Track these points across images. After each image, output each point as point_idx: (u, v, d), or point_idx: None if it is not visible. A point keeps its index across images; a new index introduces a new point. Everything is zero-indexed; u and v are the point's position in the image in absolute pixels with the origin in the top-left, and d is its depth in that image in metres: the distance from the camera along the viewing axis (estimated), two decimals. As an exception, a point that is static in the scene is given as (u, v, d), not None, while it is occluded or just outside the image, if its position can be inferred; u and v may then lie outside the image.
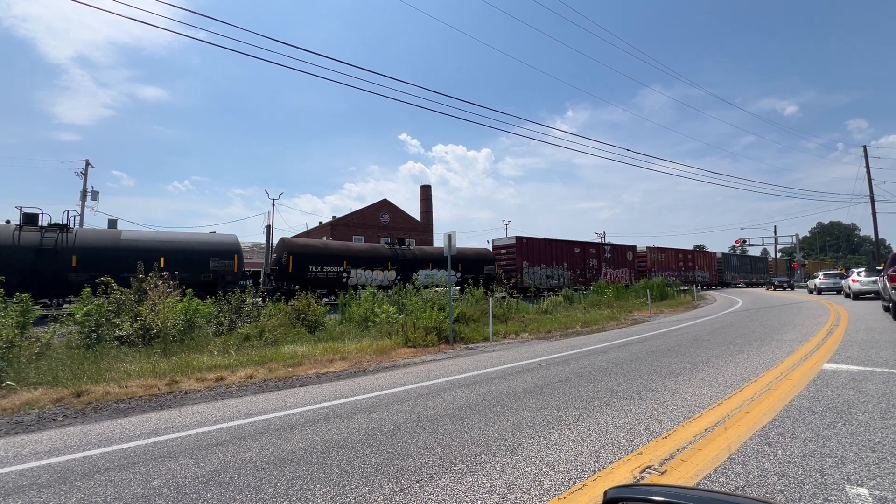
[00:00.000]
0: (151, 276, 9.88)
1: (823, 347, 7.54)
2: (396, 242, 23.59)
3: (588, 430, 3.66)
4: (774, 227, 70.13)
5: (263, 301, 14.78)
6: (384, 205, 46.27)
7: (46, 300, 15.00)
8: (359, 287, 17.40)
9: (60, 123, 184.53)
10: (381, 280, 20.38)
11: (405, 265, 22.32)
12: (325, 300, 17.81)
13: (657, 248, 38.09)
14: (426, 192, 54.15)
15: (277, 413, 4.48)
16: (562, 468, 2.92)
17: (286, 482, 2.83)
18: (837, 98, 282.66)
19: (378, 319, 11.42)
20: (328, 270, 20.10)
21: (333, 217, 45.58)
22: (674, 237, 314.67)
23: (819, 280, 27.96)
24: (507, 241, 27.10)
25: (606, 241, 33.29)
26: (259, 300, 13.73)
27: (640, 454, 3.12)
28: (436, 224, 56.99)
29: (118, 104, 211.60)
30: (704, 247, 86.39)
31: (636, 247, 36.43)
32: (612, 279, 30.71)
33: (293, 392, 5.45)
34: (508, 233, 67.04)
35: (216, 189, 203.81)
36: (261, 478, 2.90)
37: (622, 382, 5.40)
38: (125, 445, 3.64)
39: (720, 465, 2.88)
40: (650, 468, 2.89)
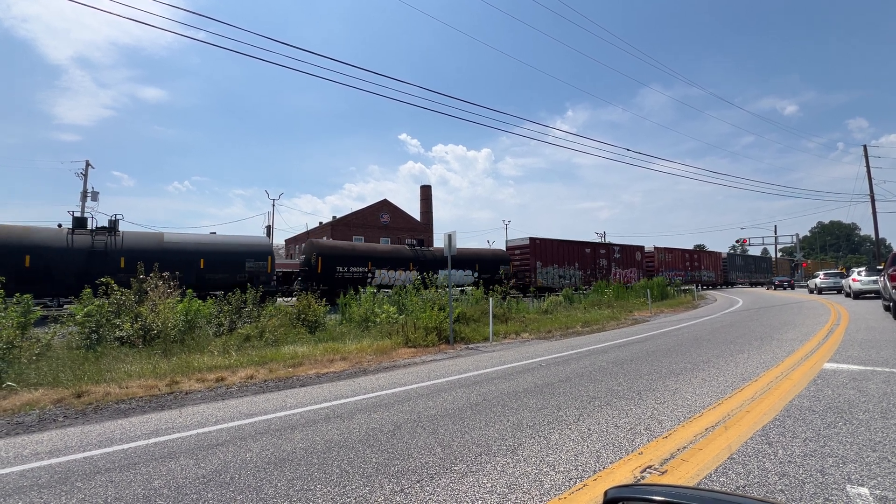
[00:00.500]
0: (152, 277, 9.88)
1: (824, 347, 7.54)
2: (417, 244, 24.96)
3: (589, 430, 3.66)
4: (775, 227, 69.99)
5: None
6: (384, 205, 46.29)
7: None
8: (382, 286, 17.71)
9: (61, 124, 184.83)
10: (404, 280, 20.94)
11: (425, 265, 23.21)
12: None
13: (664, 249, 38.74)
14: (426, 192, 54.16)
15: (278, 413, 4.49)
16: (562, 468, 2.92)
17: (287, 482, 2.83)
18: (837, 97, 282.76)
19: (378, 320, 11.43)
20: (354, 271, 21.16)
21: (333, 217, 45.58)
22: (674, 237, 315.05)
23: (819, 279, 27.96)
24: (521, 242, 27.71)
25: (616, 242, 33.89)
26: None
27: (641, 454, 3.13)
28: (436, 224, 57.02)
29: (118, 104, 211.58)
30: (704, 246, 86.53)
31: (644, 247, 37.10)
32: (622, 279, 31.37)
33: (293, 392, 5.45)
34: (508, 233, 67.05)
35: (216, 189, 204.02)
36: (261, 478, 2.90)
37: (623, 382, 5.40)
38: (126, 446, 3.64)
39: (721, 465, 2.88)
40: (651, 468, 2.89)
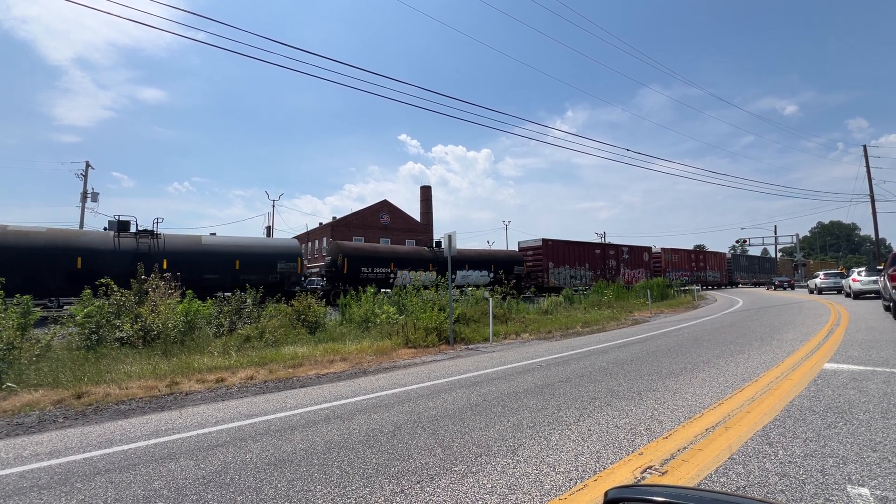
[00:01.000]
0: (153, 278, 9.88)
1: (824, 347, 7.54)
2: (436, 246, 26.42)
3: (589, 431, 3.66)
4: (775, 227, 70.29)
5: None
6: (384, 205, 46.30)
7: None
8: (404, 286, 18.22)
9: (61, 125, 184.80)
10: (424, 280, 21.53)
11: (444, 266, 23.62)
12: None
13: (671, 250, 39.64)
14: (426, 193, 54.19)
15: (278, 414, 4.48)
16: (563, 468, 2.92)
17: (287, 483, 2.82)
18: (837, 97, 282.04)
19: (378, 320, 11.42)
20: (378, 271, 22.31)
21: (334, 218, 45.60)
22: (674, 237, 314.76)
23: (819, 280, 27.95)
24: (534, 244, 28.48)
25: (624, 244, 34.69)
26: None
27: (641, 454, 3.12)
28: (436, 224, 57.02)
29: (118, 105, 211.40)
30: (705, 247, 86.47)
31: (651, 248, 38.13)
32: (630, 279, 32.10)
33: (293, 393, 5.45)
34: (508, 233, 67.11)
35: (216, 190, 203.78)
36: (261, 479, 2.90)
37: (623, 383, 5.40)
38: (126, 447, 3.64)
39: (721, 466, 2.88)
40: (651, 468, 2.88)
